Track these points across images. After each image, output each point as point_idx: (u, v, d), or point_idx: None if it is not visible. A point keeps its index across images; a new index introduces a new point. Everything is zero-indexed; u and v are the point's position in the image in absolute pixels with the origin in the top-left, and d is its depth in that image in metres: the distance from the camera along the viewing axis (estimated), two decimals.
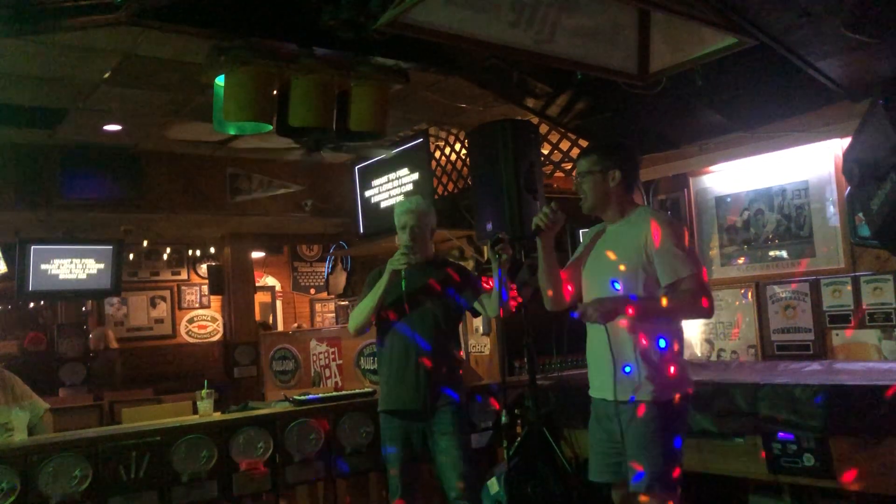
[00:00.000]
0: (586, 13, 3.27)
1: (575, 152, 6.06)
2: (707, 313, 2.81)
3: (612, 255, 2.85)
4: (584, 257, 3.03)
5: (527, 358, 4.22)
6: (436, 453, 3.47)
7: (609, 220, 2.99)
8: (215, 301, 10.46)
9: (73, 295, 7.82)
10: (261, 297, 11.10)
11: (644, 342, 2.74)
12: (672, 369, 2.76)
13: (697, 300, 2.73)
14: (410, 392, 3.43)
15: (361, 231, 7.22)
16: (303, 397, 4.14)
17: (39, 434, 4.08)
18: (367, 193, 7.06)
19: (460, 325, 3.77)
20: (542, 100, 4.93)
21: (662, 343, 2.75)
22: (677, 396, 2.75)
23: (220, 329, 10.39)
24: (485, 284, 3.72)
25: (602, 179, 2.91)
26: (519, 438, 4.14)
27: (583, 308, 2.71)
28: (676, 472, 2.71)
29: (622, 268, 2.80)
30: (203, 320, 10.60)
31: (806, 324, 4.54)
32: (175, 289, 10.52)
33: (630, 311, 2.71)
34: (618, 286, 2.79)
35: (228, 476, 3.66)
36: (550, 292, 3.04)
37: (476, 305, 3.59)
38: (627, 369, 2.74)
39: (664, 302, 2.73)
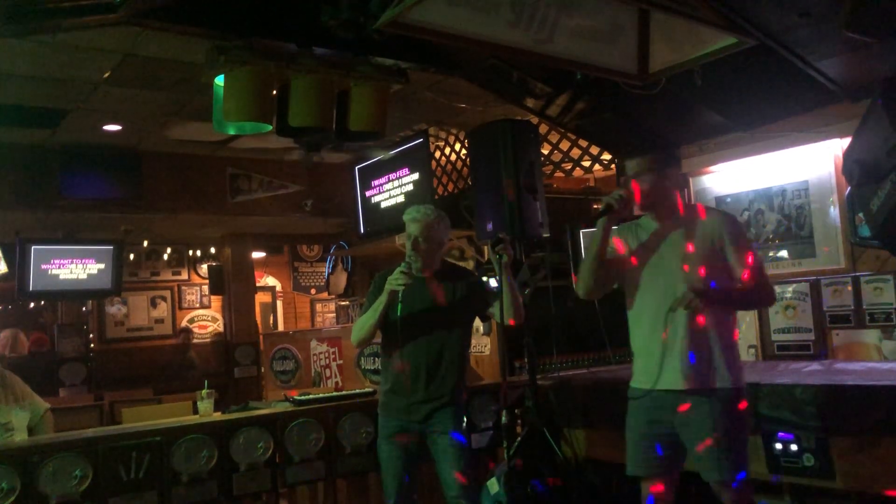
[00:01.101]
0: (586, 13, 3.27)
1: (575, 152, 6.07)
2: (773, 301, 3.16)
3: (688, 250, 2.91)
4: (639, 254, 3.03)
5: (527, 358, 4.21)
6: (434, 452, 3.46)
7: (661, 217, 3.02)
8: (215, 301, 10.44)
9: (73, 295, 7.81)
10: (261, 297, 11.09)
11: (721, 332, 2.88)
12: (739, 358, 2.96)
13: (769, 290, 3.00)
14: (412, 407, 3.42)
15: (362, 231, 7.22)
16: (303, 397, 4.13)
17: (39, 434, 4.08)
18: (368, 193, 7.06)
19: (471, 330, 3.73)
20: (542, 100, 4.93)
21: (733, 333, 2.95)
22: (745, 384, 2.93)
23: (221, 329, 10.39)
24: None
25: (659, 178, 2.98)
26: (519, 438, 4.13)
27: (685, 296, 2.75)
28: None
29: (700, 261, 2.89)
30: (203, 320, 10.60)
31: (806, 324, 4.54)
32: (175, 289, 10.51)
33: (722, 298, 2.89)
34: (697, 279, 2.87)
35: (228, 476, 3.66)
36: (594, 278, 3.04)
37: (487, 313, 3.58)
38: (708, 358, 2.84)
39: (742, 292, 2.91)
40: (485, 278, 4.48)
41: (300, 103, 3.82)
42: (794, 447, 3.25)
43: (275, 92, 3.86)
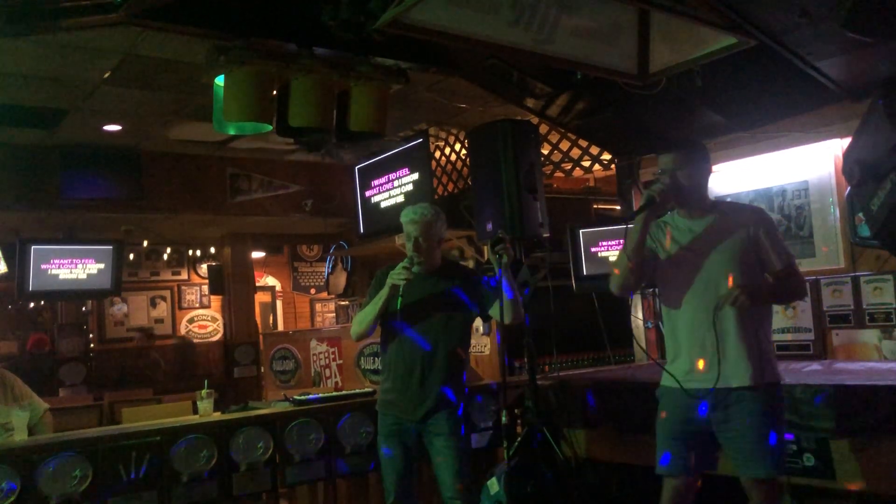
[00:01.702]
0: (586, 13, 3.27)
1: (575, 152, 6.07)
2: (806, 294, 3.14)
3: (727, 245, 2.88)
4: (675, 250, 2.98)
5: (527, 358, 4.21)
6: (431, 453, 3.46)
7: (695, 213, 2.98)
8: (215, 301, 10.44)
9: (73, 295, 7.80)
10: (261, 297, 11.09)
11: (765, 327, 2.90)
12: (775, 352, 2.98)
13: (804, 284, 3.03)
14: (408, 404, 3.43)
15: (361, 231, 7.21)
16: (303, 397, 4.13)
17: (39, 434, 4.08)
18: (368, 193, 7.06)
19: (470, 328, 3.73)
20: (542, 100, 4.93)
21: (771, 327, 2.96)
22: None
23: (221, 329, 10.39)
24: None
25: (696, 173, 2.95)
26: (519, 438, 4.13)
27: (733, 294, 2.73)
28: None
29: (740, 256, 2.87)
30: (203, 320, 10.59)
31: (806, 324, 4.54)
32: (175, 289, 10.51)
33: (766, 293, 2.90)
34: (736, 274, 2.84)
35: (228, 476, 3.66)
36: (631, 274, 2.98)
37: (488, 313, 3.57)
38: (758, 354, 2.82)
39: (780, 285, 2.92)
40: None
41: (300, 103, 3.82)
42: (794, 447, 3.25)
43: (275, 92, 3.86)
